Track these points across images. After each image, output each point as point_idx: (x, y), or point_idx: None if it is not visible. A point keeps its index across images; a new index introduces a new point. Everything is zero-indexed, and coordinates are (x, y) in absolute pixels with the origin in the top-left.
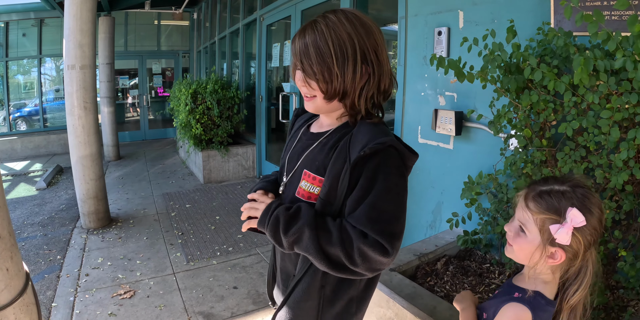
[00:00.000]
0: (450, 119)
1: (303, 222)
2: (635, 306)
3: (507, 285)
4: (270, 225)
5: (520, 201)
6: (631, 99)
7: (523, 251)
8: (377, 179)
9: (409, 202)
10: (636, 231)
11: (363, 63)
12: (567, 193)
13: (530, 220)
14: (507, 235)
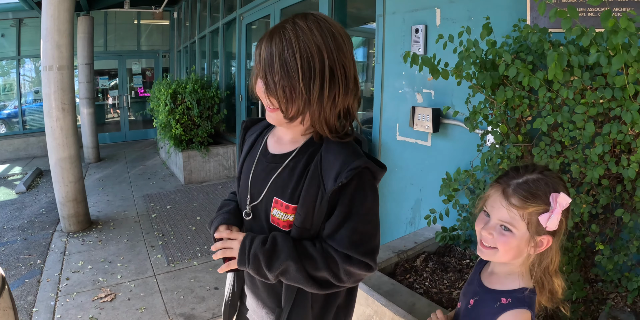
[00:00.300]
0: (427, 116)
1: (285, 257)
2: (614, 299)
3: (484, 293)
4: (251, 264)
5: (497, 200)
6: (605, 93)
7: (512, 250)
8: (355, 204)
9: (388, 200)
10: (613, 225)
11: (331, 80)
12: (542, 180)
13: (516, 217)
14: (483, 238)
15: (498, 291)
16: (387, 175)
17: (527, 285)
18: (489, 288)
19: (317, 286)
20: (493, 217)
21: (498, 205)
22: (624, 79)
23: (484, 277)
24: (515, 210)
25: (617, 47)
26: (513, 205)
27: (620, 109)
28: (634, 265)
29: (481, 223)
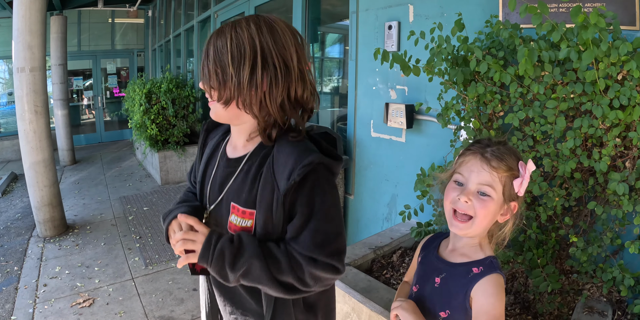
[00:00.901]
0: (401, 112)
1: (250, 254)
2: (590, 289)
3: (451, 268)
4: (214, 260)
5: (477, 164)
6: (576, 88)
7: (489, 216)
8: (314, 203)
9: (364, 197)
10: (586, 217)
11: (265, 67)
12: (508, 148)
13: (496, 179)
14: (459, 206)
15: (466, 263)
16: (363, 172)
17: (491, 254)
18: (455, 262)
19: (282, 289)
20: (471, 182)
21: (478, 169)
22: (595, 73)
23: (444, 255)
24: (496, 173)
25: (588, 42)
26: (493, 168)
27: (591, 104)
28: (607, 256)
29: (455, 192)
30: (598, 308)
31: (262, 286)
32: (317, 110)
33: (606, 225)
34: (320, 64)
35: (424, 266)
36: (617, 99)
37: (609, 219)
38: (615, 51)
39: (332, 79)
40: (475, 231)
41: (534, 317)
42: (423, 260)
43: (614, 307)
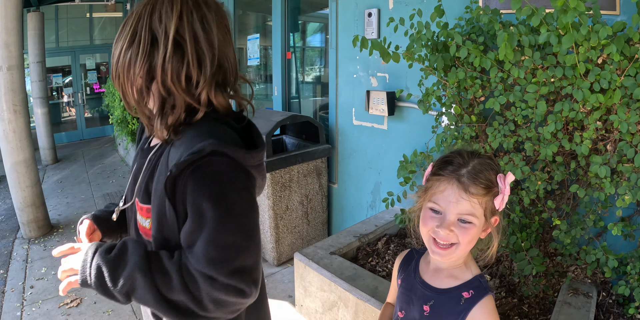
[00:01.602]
0: (382, 99)
1: (132, 266)
2: (574, 271)
3: (438, 295)
4: (94, 280)
5: (453, 193)
6: (556, 72)
7: (473, 241)
8: (203, 206)
9: (348, 185)
10: (569, 200)
11: (154, 41)
12: (484, 164)
13: (477, 206)
14: (440, 237)
15: (455, 288)
16: (346, 160)
17: (477, 272)
18: (442, 288)
19: (174, 313)
20: (450, 212)
21: (457, 198)
22: (574, 57)
23: (427, 277)
24: (476, 199)
25: (567, 26)
26: (474, 195)
27: (571, 88)
28: (591, 238)
29: (433, 222)
30: (583, 289)
31: (150, 307)
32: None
33: (589, 208)
34: (302, 54)
35: (407, 291)
36: (597, 82)
37: (591, 202)
38: (595, 35)
39: (314, 68)
40: (459, 255)
41: (520, 300)
42: (404, 284)
43: (598, 288)
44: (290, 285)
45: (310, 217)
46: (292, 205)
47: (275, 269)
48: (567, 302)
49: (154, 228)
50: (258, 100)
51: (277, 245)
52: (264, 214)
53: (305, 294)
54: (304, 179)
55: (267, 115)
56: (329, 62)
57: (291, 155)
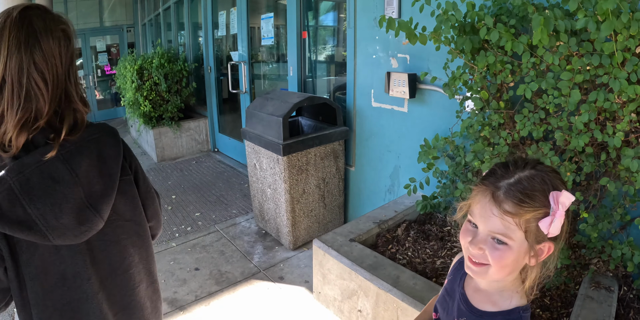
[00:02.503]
0: (403, 81)
1: None
2: (596, 264)
3: (473, 315)
4: None
5: (486, 207)
6: (592, 60)
7: (508, 267)
8: None
9: (366, 168)
10: (596, 192)
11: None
12: (536, 176)
13: (512, 227)
14: (472, 254)
15: (490, 314)
16: (364, 143)
17: (521, 303)
18: (479, 309)
19: None
20: (482, 228)
21: (488, 214)
22: (613, 45)
23: (469, 292)
24: (511, 219)
25: (607, 13)
26: (507, 213)
27: (607, 77)
28: (616, 232)
29: (468, 236)
30: (605, 283)
31: None
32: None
33: (616, 201)
34: (314, 33)
35: (448, 296)
36: (634, 73)
37: (619, 195)
38: (635, 23)
39: (329, 48)
40: (493, 278)
41: (541, 291)
42: (448, 287)
43: (619, 282)
44: (306, 270)
45: (327, 200)
46: (309, 188)
47: (292, 253)
48: (589, 295)
49: None
50: (271, 81)
51: (293, 229)
52: (280, 198)
53: (324, 282)
54: (321, 162)
55: (283, 96)
56: (347, 42)
57: (308, 137)
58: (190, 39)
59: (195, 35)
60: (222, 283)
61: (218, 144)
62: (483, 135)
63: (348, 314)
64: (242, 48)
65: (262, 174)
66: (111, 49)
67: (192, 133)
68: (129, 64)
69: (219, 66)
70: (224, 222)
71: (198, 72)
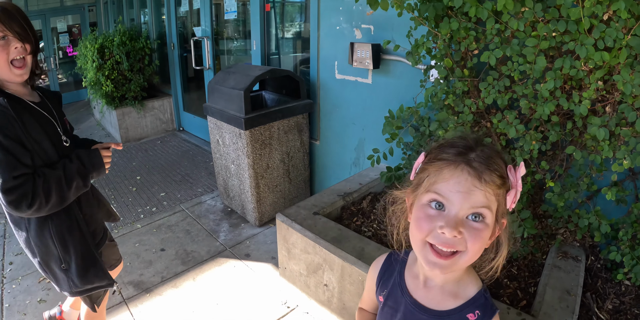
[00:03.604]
0: (367, 52)
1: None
2: (563, 234)
3: (433, 317)
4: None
5: (462, 180)
6: (558, 26)
7: (481, 248)
8: None
9: (331, 141)
10: (562, 162)
11: None
12: (493, 150)
13: (492, 198)
14: (444, 243)
15: (457, 309)
16: (328, 116)
17: (479, 285)
18: (443, 310)
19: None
20: (459, 206)
21: (469, 188)
22: (579, 11)
23: (419, 296)
24: (491, 190)
25: None
26: (491, 184)
27: (573, 44)
28: (583, 201)
29: (435, 221)
30: (572, 253)
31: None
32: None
33: (583, 171)
34: (281, 9)
35: (394, 311)
36: (601, 40)
37: (585, 164)
38: None
39: (294, 24)
40: (463, 267)
41: (508, 261)
42: (390, 303)
43: (587, 252)
44: (273, 246)
45: (292, 175)
46: (273, 163)
47: (258, 229)
48: (556, 265)
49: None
50: (237, 56)
51: (258, 205)
52: (244, 174)
53: (289, 257)
54: (285, 135)
55: (245, 69)
56: (310, 14)
57: (271, 111)
58: (153, 16)
59: (159, 13)
60: (189, 263)
61: (183, 122)
62: (447, 104)
63: (314, 289)
64: (205, 23)
65: (225, 149)
66: (72, 29)
67: (157, 112)
68: (90, 43)
69: (182, 43)
70: (189, 201)
71: (161, 50)
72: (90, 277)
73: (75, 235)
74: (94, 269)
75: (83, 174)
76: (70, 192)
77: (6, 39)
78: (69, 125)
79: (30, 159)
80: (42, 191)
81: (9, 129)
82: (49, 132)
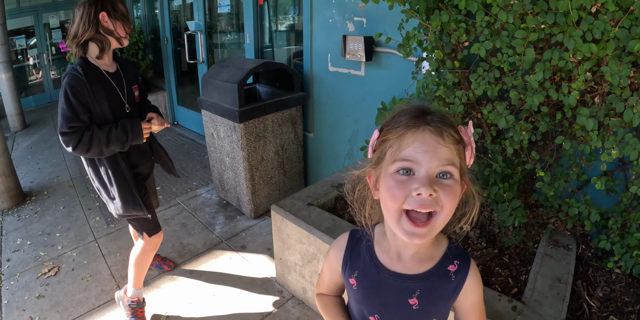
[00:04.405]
0: (359, 44)
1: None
2: (554, 223)
3: (421, 281)
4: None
5: (426, 140)
6: (547, 19)
7: (455, 204)
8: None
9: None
10: (552, 152)
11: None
12: (444, 112)
13: (455, 153)
14: (421, 204)
15: (438, 265)
16: (322, 108)
17: (446, 239)
18: (424, 272)
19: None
20: (427, 166)
21: (434, 146)
22: (567, 4)
23: (397, 268)
24: (453, 146)
25: None
26: (452, 139)
27: (562, 35)
28: (573, 191)
29: (408, 185)
30: (563, 242)
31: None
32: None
33: (572, 161)
34: (274, 2)
35: (374, 290)
36: (590, 32)
37: (575, 154)
38: None
39: (287, 17)
40: (441, 227)
41: (500, 250)
42: (365, 283)
43: (577, 241)
44: (268, 237)
45: (287, 167)
46: (268, 155)
47: (253, 221)
48: (547, 253)
49: (139, 93)
50: (230, 50)
51: (253, 197)
52: (238, 166)
53: (284, 247)
54: (279, 128)
55: (239, 63)
56: (302, 6)
57: (265, 103)
58: (146, 11)
59: (152, 7)
60: (185, 255)
61: (177, 116)
62: (438, 95)
63: (310, 279)
64: (199, 17)
65: (220, 142)
66: (65, 25)
67: None
68: None
69: (176, 37)
70: (184, 195)
71: (155, 44)
72: (129, 208)
73: (119, 176)
74: (132, 203)
75: (122, 139)
76: (107, 150)
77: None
78: (138, 93)
79: (87, 117)
80: (86, 142)
81: (79, 92)
82: (111, 100)
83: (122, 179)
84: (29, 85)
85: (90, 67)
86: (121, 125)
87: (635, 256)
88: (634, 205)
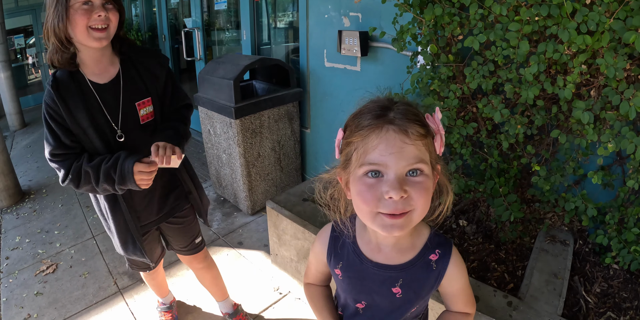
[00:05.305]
0: (355, 40)
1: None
2: (551, 218)
3: (404, 271)
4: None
5: (392, 140)
6: (541, 11)
7: (429, 199)
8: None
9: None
10: (548, 146)
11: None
12: (407, 104)
13: (422, 149)
14: (396, 207)
15: (419, 255)
16: (318, 104)
17: (428, 227)
18: (405, 262)
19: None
20: (395, 167)
21: (400, 146)
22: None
23: (379, 258)
24: (420, 142)
25: None
26: (418, 136)
27: (556, 28)
28: (570, 185)
29: (378, 188)
30: (560, 237)
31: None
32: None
33: (569, 155)
34: None
35: (359, 280)
36: (584, 24)
37: (571, 149)
38: None
39: (284, 13)
40: (417, 221)
41: (497, 245)
42: (350, 273)
43: (575, 236)
44: (265, 234)
45: (283, 163)
46: (264, 152)
47: (250, 218)
48: (544, 249)
49: (157, 106)
50: (228, 47)
51: (250, 193)
52: (235, 163)
53: (280, 243)
54: (275, 124)
55: (235, 59)
56: (298, 2)
57: (261, 99)
58: (143, 8)
59: (149, 5)
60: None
61: None
62: (433, 89)
63: None
64: (196, 14)
65: (217, 139)
66: None
67: None
68: None
69: (173, 34)
70: None
71: (153, 42)
72: (129, 252)
73: (118, 216)
74: (132, 247)
75: (111, 180)
76: (100, 188)
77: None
78: (153, 109)
79: (74, 141)
80: (74, 175)
81: (53, 109)
82: (95, 123)
83: (120, 218)
84: (28, 84)
85: (73, 76)
86: (113, 160)
87: (633, 251)
88: (632, 199)
